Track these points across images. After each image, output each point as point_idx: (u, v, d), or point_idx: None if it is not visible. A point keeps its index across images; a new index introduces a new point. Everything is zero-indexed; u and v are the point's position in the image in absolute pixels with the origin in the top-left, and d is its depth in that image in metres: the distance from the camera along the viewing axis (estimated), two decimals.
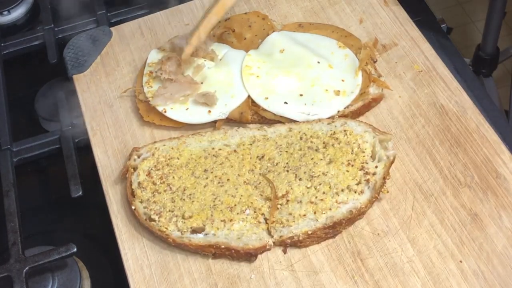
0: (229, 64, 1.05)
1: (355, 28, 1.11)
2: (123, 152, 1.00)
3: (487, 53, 1.50)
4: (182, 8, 1.19)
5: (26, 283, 0.88)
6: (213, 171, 0.93)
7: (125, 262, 0.89)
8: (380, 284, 0.84)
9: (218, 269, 0.87)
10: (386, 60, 1.06)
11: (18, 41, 1.22)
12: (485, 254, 0.85)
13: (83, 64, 1.11)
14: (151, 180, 0.93)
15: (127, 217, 0.93)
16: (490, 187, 0.90)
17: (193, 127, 1.01)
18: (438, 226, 0.88)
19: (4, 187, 1.00)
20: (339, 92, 1.00)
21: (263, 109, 1.00)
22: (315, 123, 0.96)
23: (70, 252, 0.90)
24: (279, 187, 0.90)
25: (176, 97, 1.01)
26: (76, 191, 0.99)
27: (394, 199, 0.91)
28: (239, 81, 1.02)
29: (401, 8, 1.12)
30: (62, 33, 1.22)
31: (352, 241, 0.88)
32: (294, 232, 0.86)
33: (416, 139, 0.97)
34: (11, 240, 0.93)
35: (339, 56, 1.04)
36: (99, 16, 1.22)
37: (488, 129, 0.96)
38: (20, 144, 1.07)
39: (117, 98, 1.07)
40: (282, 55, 1.05)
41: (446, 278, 0.84)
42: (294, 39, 1.07)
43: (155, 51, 1.09)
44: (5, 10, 1.29)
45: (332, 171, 0.90)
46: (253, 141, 0.96)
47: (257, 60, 1.04)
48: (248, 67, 1.03)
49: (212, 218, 0.88)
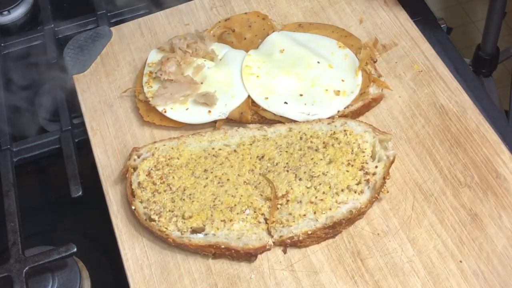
0: (229, 64, 1.05)
1: (355, 28, 1.11)
2: (123, 152, 1.00)
3: (487, 53, 1.50)
4: (182, 8, 1.19)
5: (26, 283, 0.88)
6: (213, 171, 0.93)
7: (125, 262, 0.89)
8: (380, 284, 0.84)
9: (218, 269, 0.87)
10: (386, 60, 1.06)
11: (18, 41, 1.22)
12: (485, 254, 0.85)
13: (83, 64, 1.11)
14: (151, 180, 0.93)
15: (127, 217, 0.93)
16: (490, 187, 0.90)
17: (193, 127, 1.01)
18: (438, 226, 0.88)
19: (4, 187, 1.00)
20: (339, 92, 1.00)
21: (263, 109, 1.00)
22: (315, 123, 0.96)
23: (70, 252, 0.90)
24: (279, 187, 0.90)
25: (176, 97, 1.01)
26: (76, 191, 0.99)
27: (394, 199, 0.91)
28: (239, 81, 1.02)
29: (401, 8, 1.12)
30: (62, 33, 1.22)
31: (352, 241, 0.88)
32: (294, 232, 0.86)
33: (416, 139, 0.97)
34: (11, 240, 0.93)
35: (339, 56, 1.04)
36: (99, 16, 1.22)
37: (488, 129, 0.96)
38: (20, 144, 1.07)
39: (117, 98, 1.07)
40: (282, 55, 1.05)
41: (446, 278, 0.84)
42: (294, 39, 1.07)
43: (155, 51, 1.09)
44: (5, 10, 1.29)
45: (332, 171, 0.90)
46: (253, 141, 0.96)
47: (257, 60, 1.04)
48: (248, 67, 1.03)
49: (212, 218, 0.88)
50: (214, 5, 1.18)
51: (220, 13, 1.16)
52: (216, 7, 1.17)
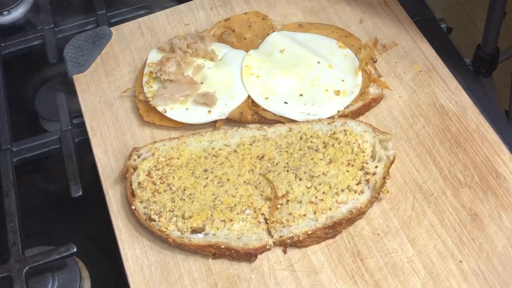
0: (229, 64, 1.05)
1: (355, 28, 1.11)
2: (123, 152, 1.00)
3: (487, 53, 1.50)
4: (182, 8, 1.19)
5: (26, 283, 0.88)
6: (213, 171, 0.93)
7: (125, 262, 0.89)
8: (380, 284, 0.84)
9: (218, 269, 0.87)
10: (386, 60, 1.06)
11: (18, 41, 1.22)
12: (485, 254, 0.85)
13: (83, 64, 1.11)
14: (151, 180, 0.93)
15: (127, 217, 0.93)
16: (490, 187, 0.90)
17: (193, 127, 1.01)
18: (438, 226, 0.88)
19: (4, 187, 1.00)
20: (339, 92, 1.00)
21: (263, 109, 1.00)
22: (315, 123, 0.96)
23: (70, 252, 0.90)
24: (279, 187, 0.90)
25: (176, 97, 1.01)
26: (76, 191, 0.99)
27: (394, 199, 0.91)
28: (239, 81, 1.02)
29: (401, 8, 1.12)
30: (62, 33, 1.22)
31: (352, 241, 0.88)
32: (294, 232, 0.86)
33: (416, 139, 0.97)
34: (11, 240, 0.93)
35: (339, 56, 1.04)
36: (99, 16, 1.22)
37: (488, 129, 0.96)
38: (20, 144, 1.07)
39: (117, 98, 1.07)
40: (282, 55, 1.05)
41: (446, 278, 0.84)
42: (294, 39, 1.07)
43: (155, 51, 1.09)
44: (5, 10, 1.29)
45: (332, 171, 0.90)
46: (253, 141, 0.96)
47: (257, 60, 1.04)
48: (248, 67, 1.03)
49: (212, 218, 0.88)
50: (214, 5, 1.18)
51: (220, 13, 1.16)
52: (216, 7, 1.17)
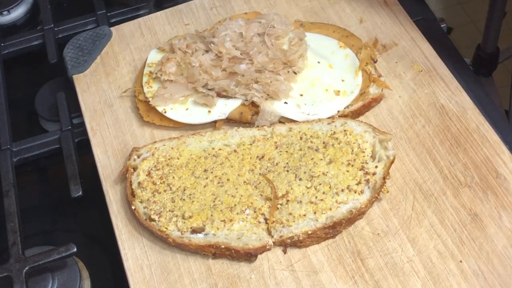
0: None
1: (355, 28, 1.11)
2: (123, 152, 1.00)
3: (487, 53, 1.50)
4: (182, 8, 1.19)
5: (26, 283, 0.88)
6: (213, 171, 0.93)
7: (125, 262, 0.89)
8: (380, 284, 0.84)
9: (218, 269, 0.87)
10: (386, 60, 1.06)
11: (18, 41, 1.22)
12: (485, 254, 0.85)
13: (83, 64, 1.11)
14: (151, 180, 0.93)
15: (127, 217, 0.93)
16: (490, 187, 0.90)
17: (193, 127, 1.01)
18: (438, 226, 0.88)
19: (4, 187, 1.00)
20: (339, 92, 1.00)
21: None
22: (315, 123, 0.96)
23: (70, 252, 0.90)
24: (279, 187, 0.90)
25: (176, 98, 1.01)
26: (76, 191, 0.99)
27: (394, 199, 0.91)
28: None
29: (401, 8, 1.12)
30: (62, 33, 1.22)
31: (352, 241, 0.88)
32: (294, 232, 0.86)
33: (416, 139, 0.97)
34: (11, 240, 0.93)
35: (339, 56, 1.04)
36: (99, 16, 1.22)
37: (488, 129, 0.96)
38: (20, 144, 1.07)
39: (117, 98, 1.07)
40: None
41: (446, 278, 0.84)
42: None
43: (155, 51, 1.09)
44: (5, 10, 1.29)
45: (332, 171, 0.90)
46: (253, 141, 0.96)
47: None
48: None
49: (212, 218, 0.88)
50: (214, 5, 1.18)
51: (220, 13, 1.16)
52: (216, 7, 1.17)
